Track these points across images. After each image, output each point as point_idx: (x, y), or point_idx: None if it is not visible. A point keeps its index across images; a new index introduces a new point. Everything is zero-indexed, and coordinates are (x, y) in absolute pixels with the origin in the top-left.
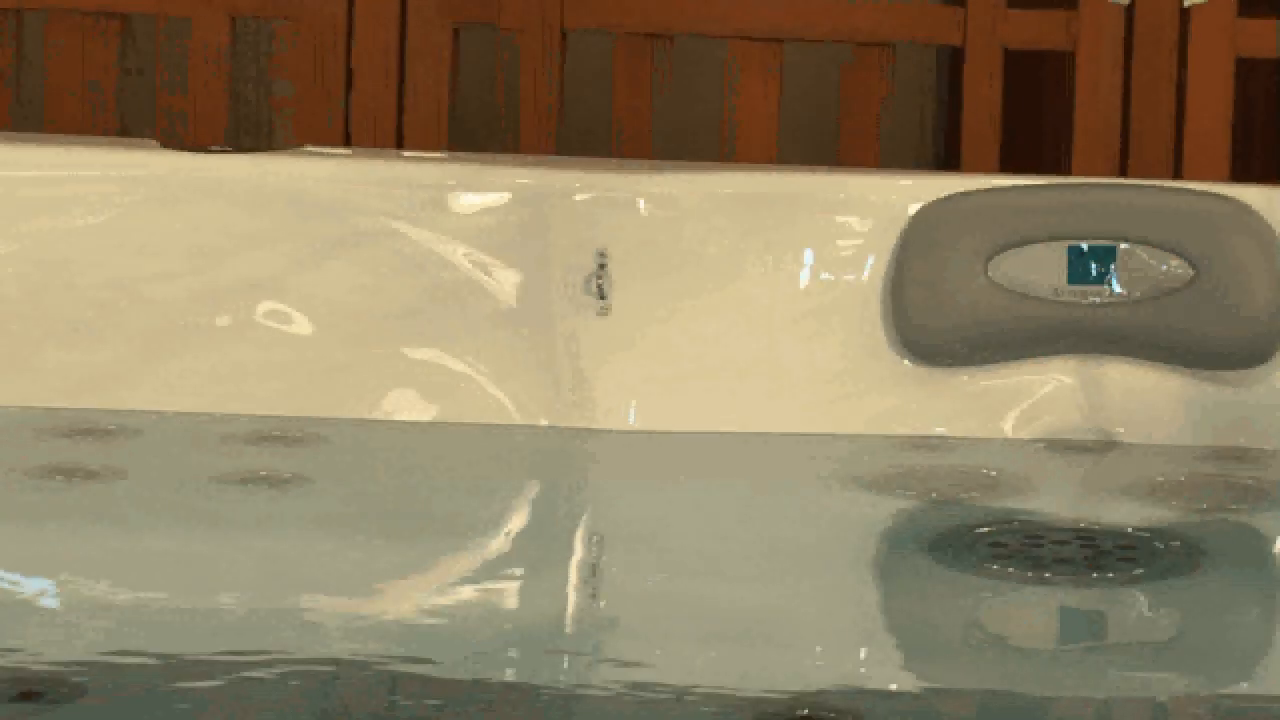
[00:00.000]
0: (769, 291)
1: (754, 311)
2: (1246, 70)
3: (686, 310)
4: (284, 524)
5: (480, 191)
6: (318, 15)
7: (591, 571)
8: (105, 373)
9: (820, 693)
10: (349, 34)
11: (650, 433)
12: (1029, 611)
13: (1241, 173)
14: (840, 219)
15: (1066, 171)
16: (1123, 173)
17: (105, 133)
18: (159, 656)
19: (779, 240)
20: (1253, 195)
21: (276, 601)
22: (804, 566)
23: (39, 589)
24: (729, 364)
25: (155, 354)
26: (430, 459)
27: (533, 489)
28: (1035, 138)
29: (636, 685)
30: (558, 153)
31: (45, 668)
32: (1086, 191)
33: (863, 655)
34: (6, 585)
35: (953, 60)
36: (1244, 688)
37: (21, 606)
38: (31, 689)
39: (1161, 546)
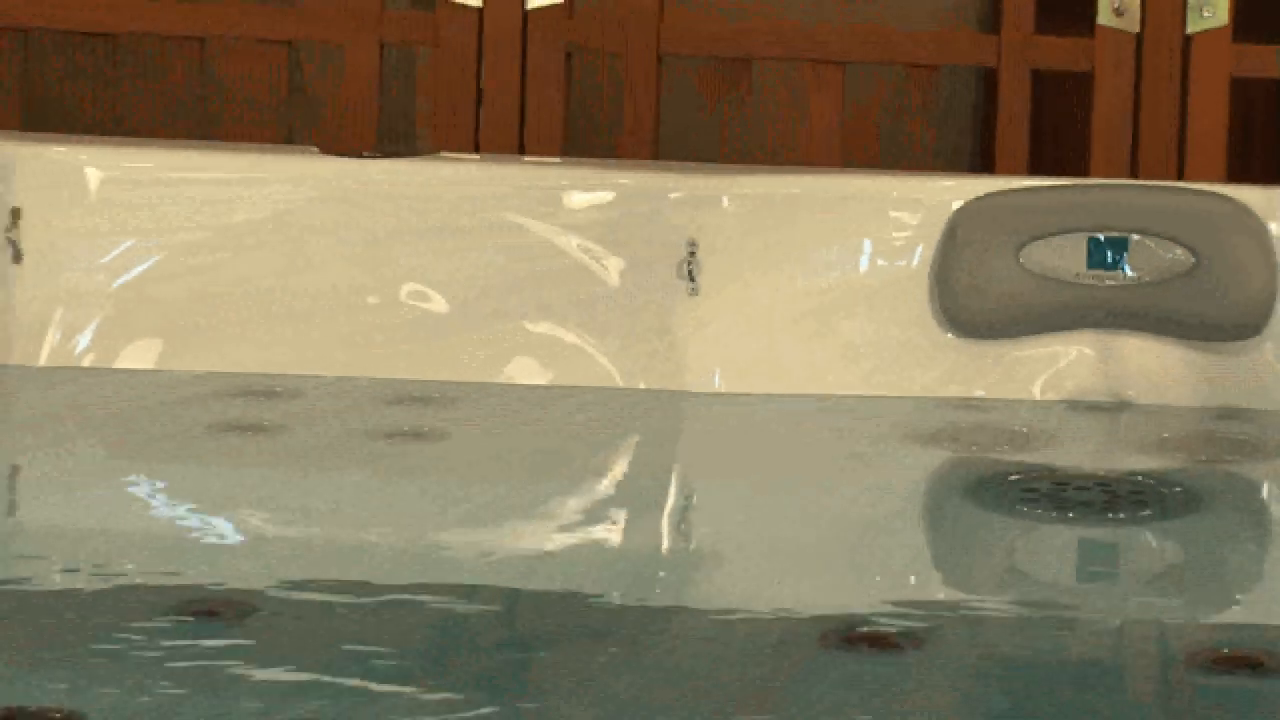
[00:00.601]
0: (833, 276)
1: (820, 292)
2: (1244, 85)
3: (763, 291)
4: (424, 471)
5: (589, 191)
6: (453, 42)
7: (683, 512)
8: (271, 344)
9: (877, 612)
10: (479, 59)
11: (732, 395)
12: (1054, 545)
13: (1242, 173)
14: (893, 214)
15: (1085, 174)
16: (1133, 175)
17: (274, 141)
18: (318, 582)
19: (841, 232)
20: (1245, 194)
21: (419, 536)
22: (864, 508)
23: (218, 524)
24: (800, 336)
25: (314, 327)
26: (546, 417)
27: (633, 443)
28: (1058, 144)
29: (720, 606)
30: (654, 158)
31: (223, 590)
32: (1102, 191)
33: (912, 581)
34: (192, 521)
35: (988, 79)
36: (1235, 610)
37: (204, 539)
38: (212, 608)
39: (1167, 491)
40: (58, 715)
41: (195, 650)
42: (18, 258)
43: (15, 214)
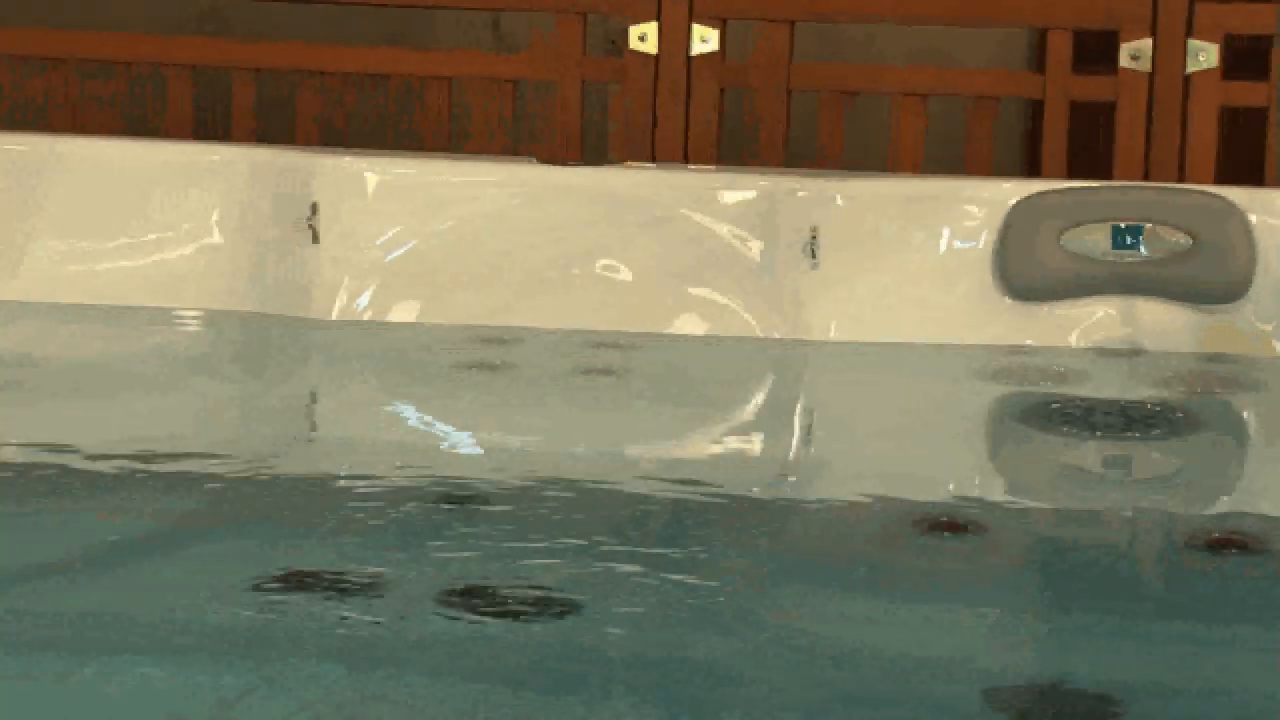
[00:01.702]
0: (920, 254)
1: (909, 265)
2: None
3: (867, 265)
4: (614, 399)
5: (737, 190)
6: (636, 80)
7: (807, 429)
8: (501, 304)
9: (951, 505)
10: (654, 92)
11: (843, 342)
12: (1084, 456)
13: (1230, 175)
14: (965, 208)
15: (1109, 177)
16: (1146, 178)
17: (504, 153)
18: (530, 478)
19: (925, 222)
20: (1231, 192)
21: (610, 446)
22: (942, 428)
23: (462, 436)
24: (894, 299)
25: (532, 292)
26: (704, 358)
27: (769, 379)
28: (1089, 156)
29: (833, 500)
30: (784, 166)
31: (465, 485)
32: (1123, 191)
33: (978, 481)
34: (442, 433)
35: (1035, 107)
36: (1224, 504)
37: (452, 446)
38: (456, 498)
39: (1171, 416)
40: (358, 579)
41: (451, 530)
42: (316, 239)
43: (314, 207)
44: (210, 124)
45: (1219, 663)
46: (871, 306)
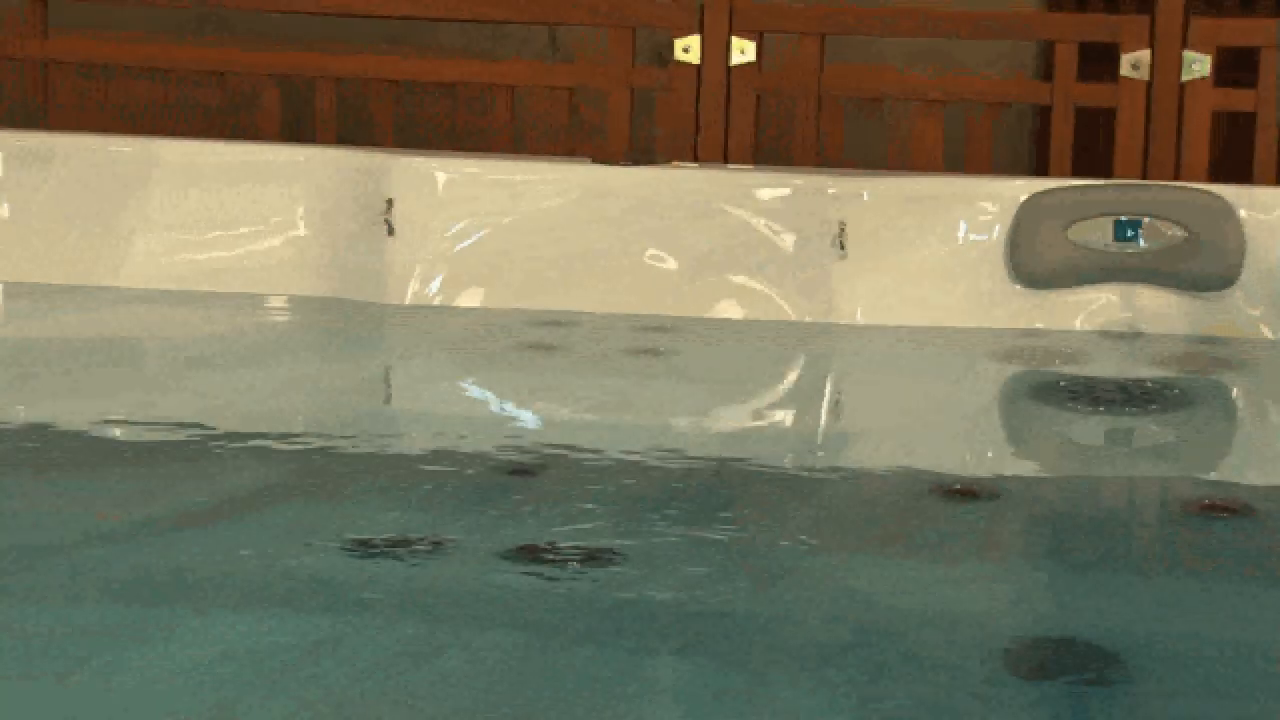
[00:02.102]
0: (938, 245)
1: (929, 256)
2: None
3: (891, 255)
4: (660, 376)
5: (772, 188)
6: (680, 88)
7: (834, 404)
8: (556, 290)
9: (968, 474)
10: (697, 99)
11: (869, 325)
12: (1088, 429)
13: (1222, 174)
14: (979, 204)
15: (1111, 175)
16: (1144, 176)
17: (561, 154)
18: (583, 448)
19: (944, 216)
20: (1221, 190)
21: (655, 418)
22: (959, 404)
23: (521, 411)
24: (916, 285)
25: (585, 280)
26: (742, 339)
27: (801, 359)
28: (1092, 156)
29: (859, 469)
30: (816, 165)
31: (524, 454)
32: (1124, 189)
33: (991, 453)
34: (504, 406)
35: (1043, 112)
36: (1215, 473)
37: (512, 418)
38: (516, 466)
39: (1167, 392)
40: (427, 539)
41: (511, 495)
42: (391, 232)
43: (390, 203)
44: (296, 127)
45: (1212, 616)
46: (894, 293)
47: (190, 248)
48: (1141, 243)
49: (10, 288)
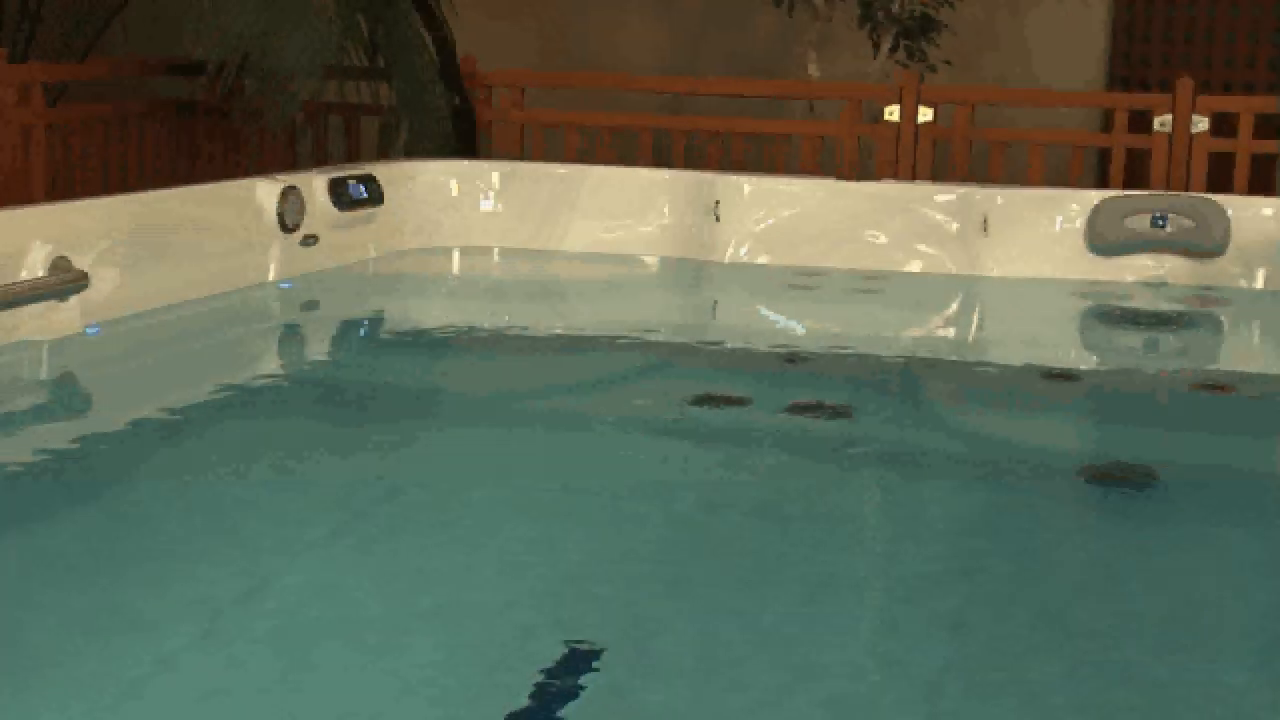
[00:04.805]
0: (1044, 229)
1: (1039, 236)
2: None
3: (1016, 236)
4: (873, 307)
5: (944, 194)
6: (886, 137)
7: (979, 325)
8: (813, 255)
9: (1059, 363)
10: (897, 142)
11: (1002, 277)
12: (1133, 338)
13: (1215, 188)
14: (1069, 205)
15: (1148, 189)
16: (1167, 189)
17: (815, 173)
18: (826, 347)
19: (1050, 213)
20: (1216, 197)
21: (869, 332)
22: (1054, 322)
23: (790, 323)
24: (1031, 253)
25: (829, 248)
26: (922, 286)
27: (959, 296)
28: (1137, 179)
29: (991, 361)
30: (972, 182)
31: (792, 349)
32: (1156, 197)
33: (1073, 353)
34: (780, 321)
35: (1104, 152)
36: (1210, 364)
37: (784, 329)
38: (789, 356)
39: (1181, 318)
40: (734, 397)
41: (785, 373)
42: (717, 220)
43: (717, 203)
44: (662, 158)
45: (1210, 454)
46: (1018, 258)
47: (603, 229)
48: (1167, 228)
49: (503, 251)
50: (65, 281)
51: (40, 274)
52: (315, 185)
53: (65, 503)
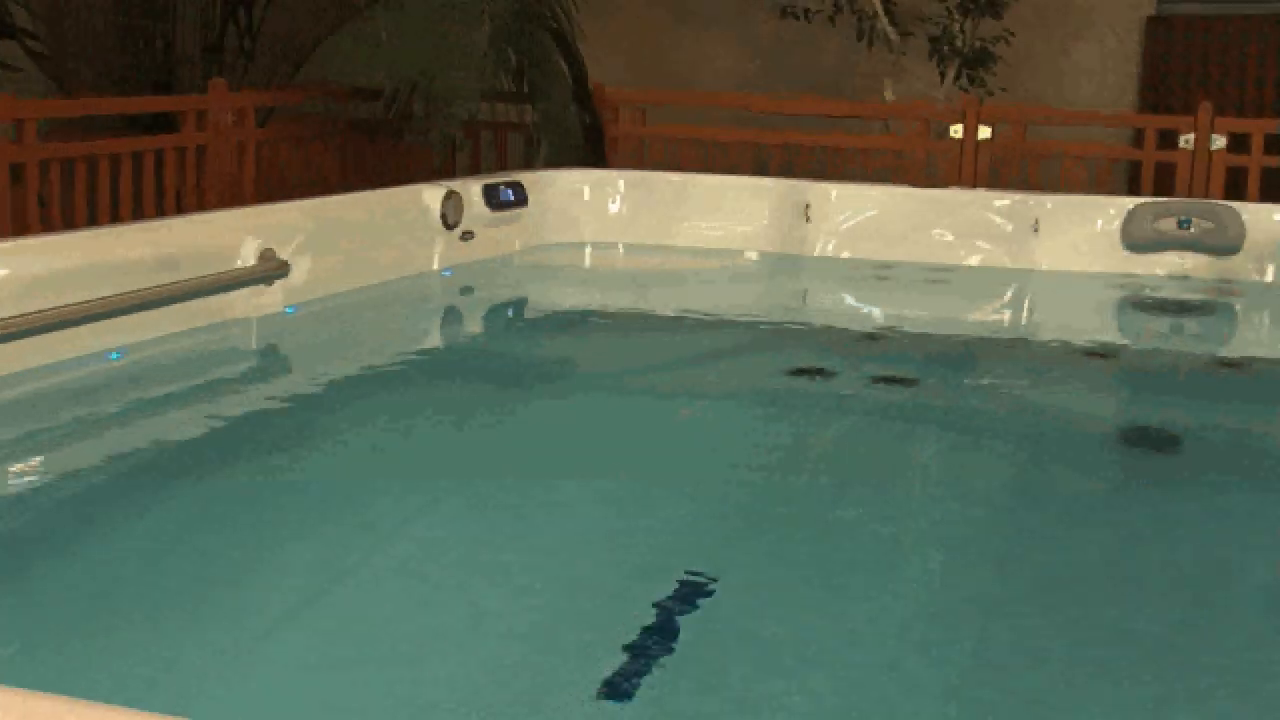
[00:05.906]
0: (1086, 230)
1: (1083, 235)
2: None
3: (1063, 235)
4: (940, 294)
5: (999, 199)
6: (950, 152)
7: (1030, 310)
8: (884, 247)
9: (1097, 343)
10: (961, 159)
11: (1051, 270)
12: (1161, 324)
13: (1231, 196)
14: (1107, 209)
15: (1173, 196)
16: (1190, 196)
17: (888, 181)
18: (898, 328)
19: (1089, 215)
20: (1231, 203)
21: (934, 314)
22: (1092, 307)
23: (863, 306)
24: (1075, 250)
25: (896, 242)
26: (981, 278)
27: (1013, 286)
28: (1165, 187)
29: (1037, 340)
30: (1021, 190)
31: (871, 328)
32: (1185, 204)
33: (1108, 336)
34: (857, 305)
35: (1134, 165)
36: (1227, 346)
37: (861, 311)
38: (865, 334)
39: (1202, 306)
40: (821, 369)
41: (864, 349)
42: (808, 220)
43: (807, 206)
44: (755, 168)
45: (1232, 419)
46: (1064, 253)
47: (710, 229)
48: (1191, 230)
49: (627, 245)
50: (270, 269)
51: (251, 263)
52: (472, 190)
53: (265, 449)
